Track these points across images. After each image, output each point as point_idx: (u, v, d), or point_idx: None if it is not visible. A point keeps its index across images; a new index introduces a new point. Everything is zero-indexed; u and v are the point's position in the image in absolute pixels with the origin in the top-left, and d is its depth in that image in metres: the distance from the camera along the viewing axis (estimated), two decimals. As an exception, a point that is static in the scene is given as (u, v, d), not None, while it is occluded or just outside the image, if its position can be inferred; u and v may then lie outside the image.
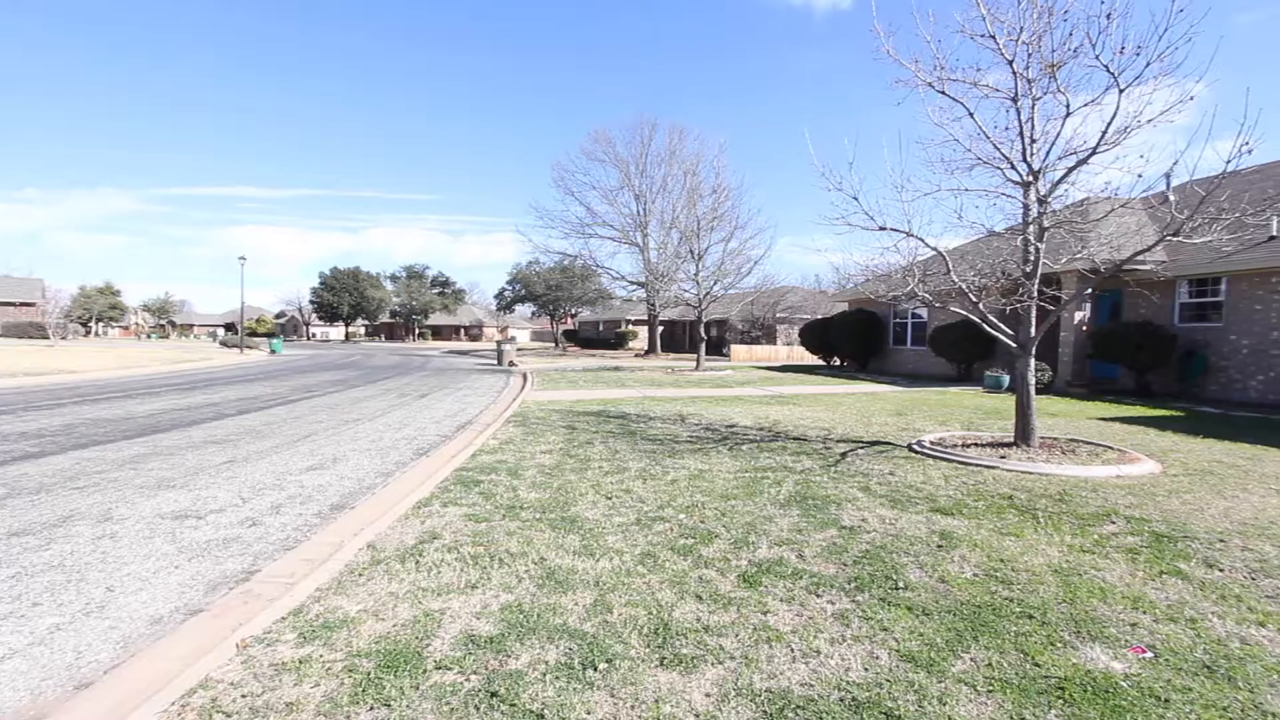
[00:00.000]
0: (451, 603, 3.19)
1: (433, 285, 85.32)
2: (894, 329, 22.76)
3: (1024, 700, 2.38)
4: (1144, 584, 3.47)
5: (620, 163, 37.57)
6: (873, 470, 6.24)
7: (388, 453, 7.34)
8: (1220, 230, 6.22)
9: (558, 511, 4.76)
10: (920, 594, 3.30)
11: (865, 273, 9.72)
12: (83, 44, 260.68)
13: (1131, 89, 6.03)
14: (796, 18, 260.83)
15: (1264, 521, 4.60)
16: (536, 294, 54.33)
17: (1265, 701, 2.37)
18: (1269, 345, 12.52)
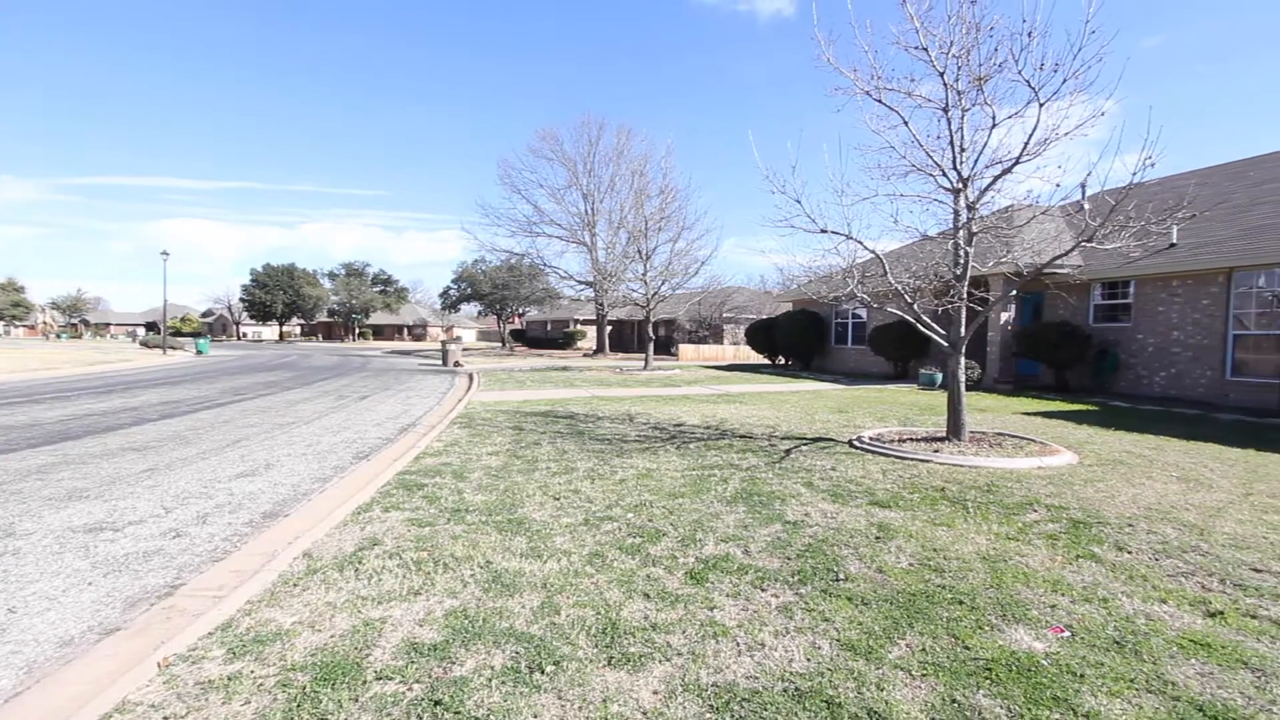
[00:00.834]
0: (393, 610, 3.10)
1: (374, 283, 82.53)
2: (836, 329, 23.48)
3: (955, 682, 2.50)
4: (1062, 568, 3.70)
5: (568, 161, 37.36)
6: (816, 466, 6.42)
7: (325, 457, 7.06)
8: (1128, 237, 6.70)
9: (504, 513, 4.70)
10: (860, 584, 3.42)
11: (808, 274, 10.00)
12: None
13: (1051, 103, 6.42)
14: (740, 22, 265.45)
15: (1166, 506, 4.98)
16: (483, 293, 53.33)
17: (1166, 672, 2.57)
18: (1170, 344, 13.57)
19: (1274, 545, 4.09)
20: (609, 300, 30.27)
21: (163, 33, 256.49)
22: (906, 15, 6.79)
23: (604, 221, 36.71)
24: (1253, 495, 5.35)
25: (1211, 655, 2.71)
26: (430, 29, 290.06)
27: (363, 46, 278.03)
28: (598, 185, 37.25)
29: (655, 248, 23.60)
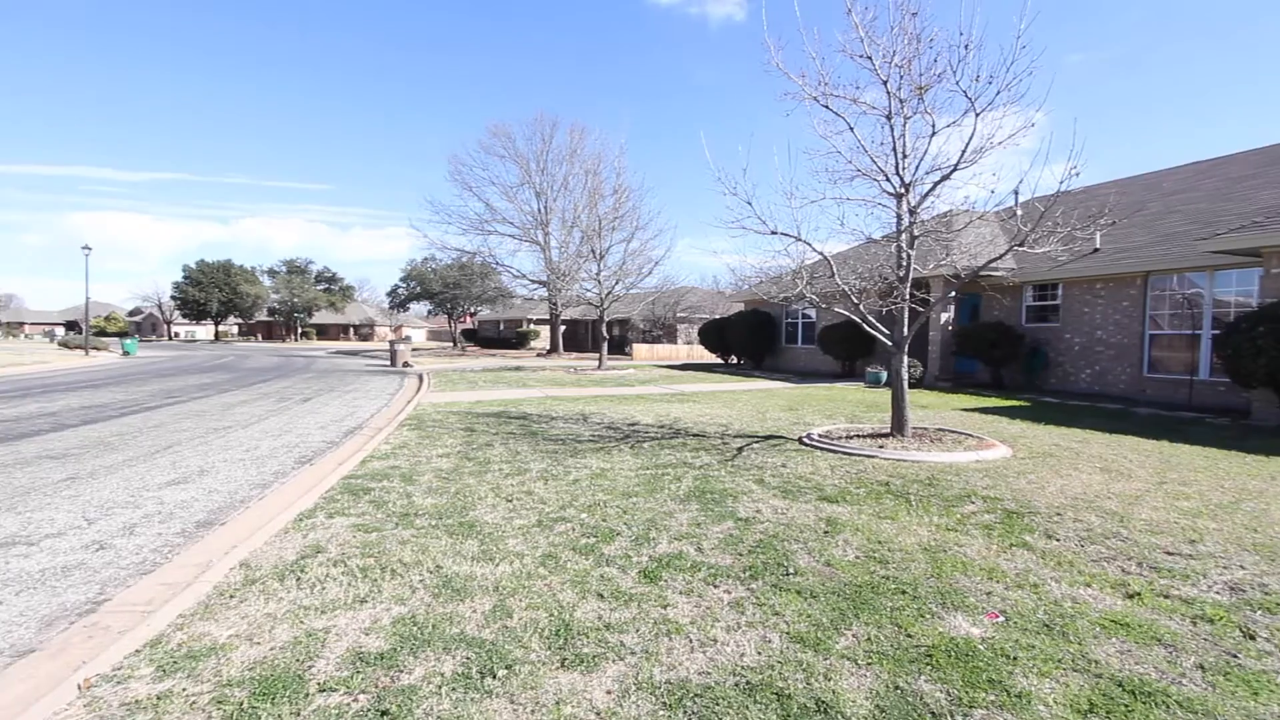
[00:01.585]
0: (338, 620, 3.00)
1: (317, 281, 79.63)
2: (786, 328, 23.99)
3: (898, 669, 2.59)
4: (997, 556, 3.88)
5: (520, 159, 36.90)
6: (767, 463, 6.54)
7: (265, 462, 6.77)
8: (1056, 242, 7.08)
9: (455, 517, 4.61)
10: (809, 578, 3.51)
11: (759, 274, 10.19)
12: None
13: (986, 113, 6.73)
14: (693, 25, 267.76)
15: (1090, 496, 5.30)
16: (433, 292, 52.21)
17: (1090, 651, 2.73)
18: (1094, 343, 14.43)
19: (1184, 530, 4.40)
20: (563, 300, 30.05)
21: (75, 5, 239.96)
22: (852, 24, 7.01)
23: (557, 220, 36.45)
24: (1166, 484, 5.74)
25: (1130, 634, 2.89)
26: (374, 20, 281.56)
27: (303, 36, 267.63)
28: (551, 184, 36.97)
29: (609, 247, 23.59)
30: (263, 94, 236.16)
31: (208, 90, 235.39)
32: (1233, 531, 4.37)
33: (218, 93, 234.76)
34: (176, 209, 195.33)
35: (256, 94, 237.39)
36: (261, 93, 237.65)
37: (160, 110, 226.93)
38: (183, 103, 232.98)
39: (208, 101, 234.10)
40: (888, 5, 6.91)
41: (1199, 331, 12.49)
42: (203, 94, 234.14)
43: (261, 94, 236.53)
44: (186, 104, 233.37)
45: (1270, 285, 9.90)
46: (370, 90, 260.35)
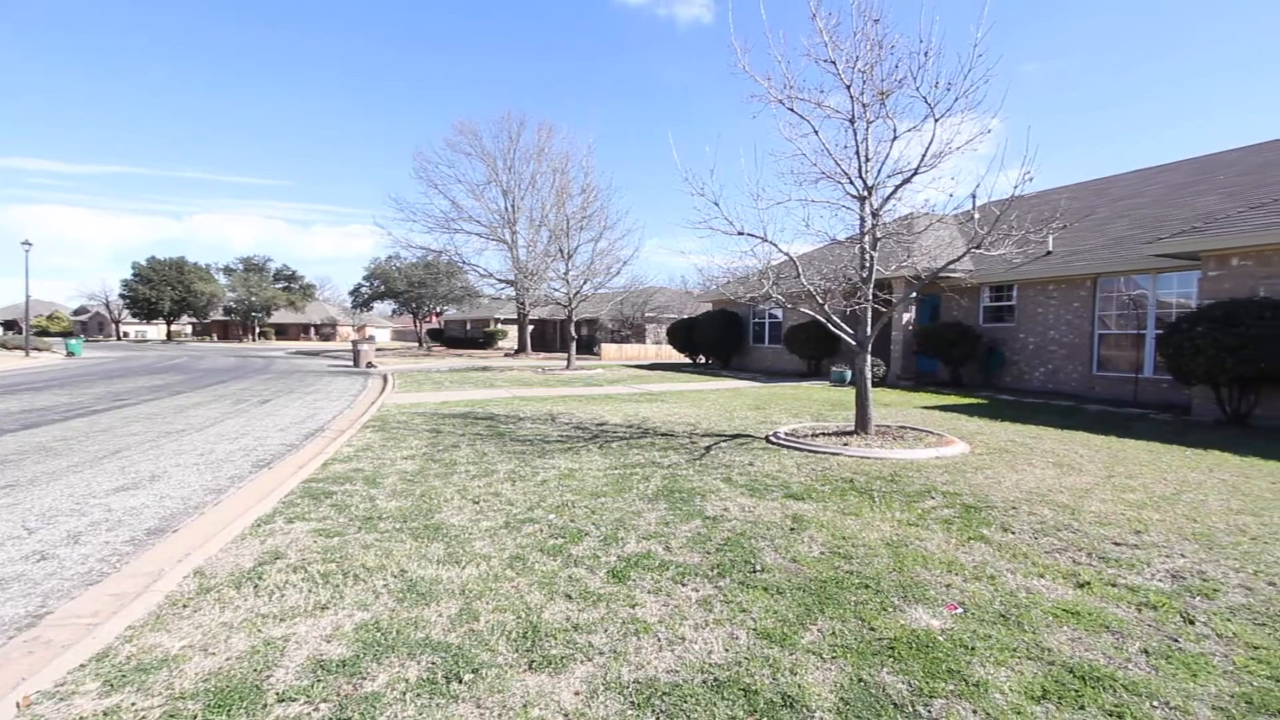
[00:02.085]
0: (297, 627, 2.92)
1: (276, 279, 77.39)
2: (754, 328, 24.25)
3: (861, 662, 2.64)
4: (956, 549, 3.99)
5: (487, 157, 36.46)
6: (734, 462, 6.60)
7: (220, 466, 6.55)
8: (1011, 245, 7.32)
9: (421, 520, 4.53)
10: (775, 575, 3.56)
11: (727, 275, 10.28)
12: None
13: (945, 119, 6.91)
14: (661, 26, 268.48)
15: (1043, 490, 5.49)
16: (397, 291, 51.18)
17: (1044, 639, 2.84)
18: (1047, 342, 14.96)
19: (1130, 521, 4.60)
20: (530, 299, 29.81)
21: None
22: (817, 29, 7.12)
23: (525, 219, 36.12)
24: (1114, 477, 5.99)
25: (1080, 622, 3.01)
26: (336, 14, 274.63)
27: (262, 29, 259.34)
28: (518, 182, 36.62)
29: (577, 247, 23.47)
30: (219, 87, 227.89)
31: (161, 82, 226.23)
32: (1174, 522, 4.59)
33: (171, 85, 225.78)
34: (126, 203, 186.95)
35: (212, 87, 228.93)
36: (218, 86, 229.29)
37: (108, 102, 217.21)
38: (133, 95, 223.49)
39: (161, 94, 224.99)
40: (851, 11, 7.05)
41: (1144, 331, 13.06)
42: (156, 86, 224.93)
43: (218, 87, 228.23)
44: (138, 96, 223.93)
45: (1208, 287, 10.41)
46: (333, 85, 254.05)
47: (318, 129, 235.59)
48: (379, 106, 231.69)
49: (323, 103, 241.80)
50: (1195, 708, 2.35)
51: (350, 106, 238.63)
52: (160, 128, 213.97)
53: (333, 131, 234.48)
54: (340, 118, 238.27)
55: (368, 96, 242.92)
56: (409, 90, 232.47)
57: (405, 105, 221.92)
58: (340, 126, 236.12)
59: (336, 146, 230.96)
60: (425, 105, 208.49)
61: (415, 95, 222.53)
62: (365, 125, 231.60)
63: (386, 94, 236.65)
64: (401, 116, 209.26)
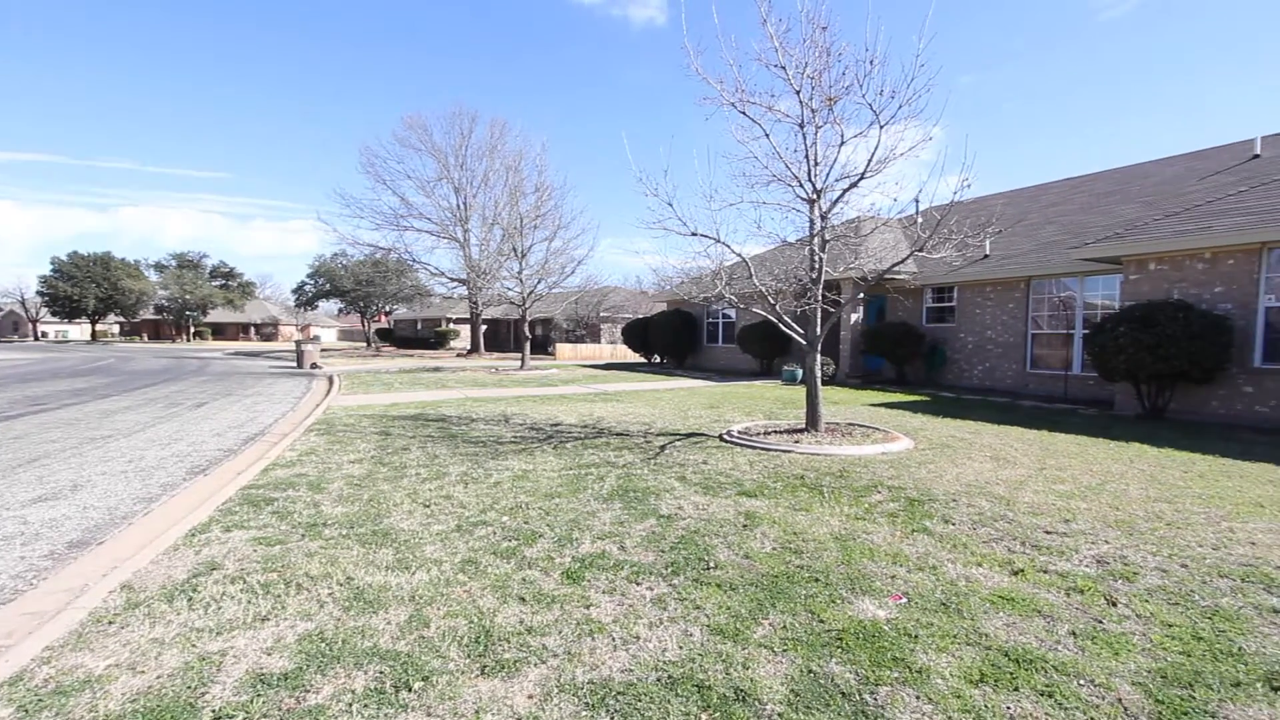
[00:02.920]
0: (236, 641, 2.79)
1: (213, 276, 73.72)
2: (708, 328, 24.53)
3: (811, 654, 2.71)
4: (901, 541, 4.14)
5: (438, 153, 35.65)
6: (689, 460, 6.66)
7: (151, 474, 6.20)
8: (950, 248, 7.63)
9: (368, 525, 4.40)
10: (728, 571, 3.61)
11: (681, 275, 10.36)
12: None
13: (889, 126, 7.14)
14: (616, 26, 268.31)
15: (982, 482, 5.75)
16: (344, 289, 49.53)
17: (981, 625, 2.97)
18: (985, 342, 15.66)
19: (1060, 510, 4.86)
20: (483, 299, 29.35)
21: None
22: (767, 34, 7.25)
23: (477, 217, 35.52)
24: (1045, 469, 6.32)
25: (1015, 607, 3.16)
26: (277, 3, 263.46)
27: (192, 15, 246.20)
28: (470, 179, 35.96)
29: (531, 246, 23.21)
30: (148, 75, 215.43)
31: (85, 68, 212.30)
32: (1099, 511, 4.87)
33: (97, 72, 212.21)
34: (45, 194, 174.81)
35: (140, 75, 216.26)
36: (146, 74, 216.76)
37: (20, 84, 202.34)
38: (52, 79, 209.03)
39: (85, 80, 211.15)
40: (800, 18, 7.21)
41: (1072, 331, 13.82)
42: (79, 72, 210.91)
43: (146, 75, 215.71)
44: (57, 81, 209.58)
45: (1129, 290, 11.09)
46: (273, 75, 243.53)
47: (258, 120, 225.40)
48: (323, 99, 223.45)
49: (262, 94, 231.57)
50: (1117, 684, 2.50)
51: (292, 98, 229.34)
52: (81, 114, 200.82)
53: (274, 123, 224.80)
54: (282, 109, 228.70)
55: (311, 89, 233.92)
56: (355, 84, 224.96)
57: (350, 99, 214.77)
58: (282, 118, 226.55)
59: (278, 139, 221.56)
60: (372, 100, 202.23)
61: (361, 89, 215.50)
62: (308, 118, 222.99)
63: (331, 87, 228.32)
64: (347, 110, 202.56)
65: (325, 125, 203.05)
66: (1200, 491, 5.47)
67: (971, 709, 2.33)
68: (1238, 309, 9.67)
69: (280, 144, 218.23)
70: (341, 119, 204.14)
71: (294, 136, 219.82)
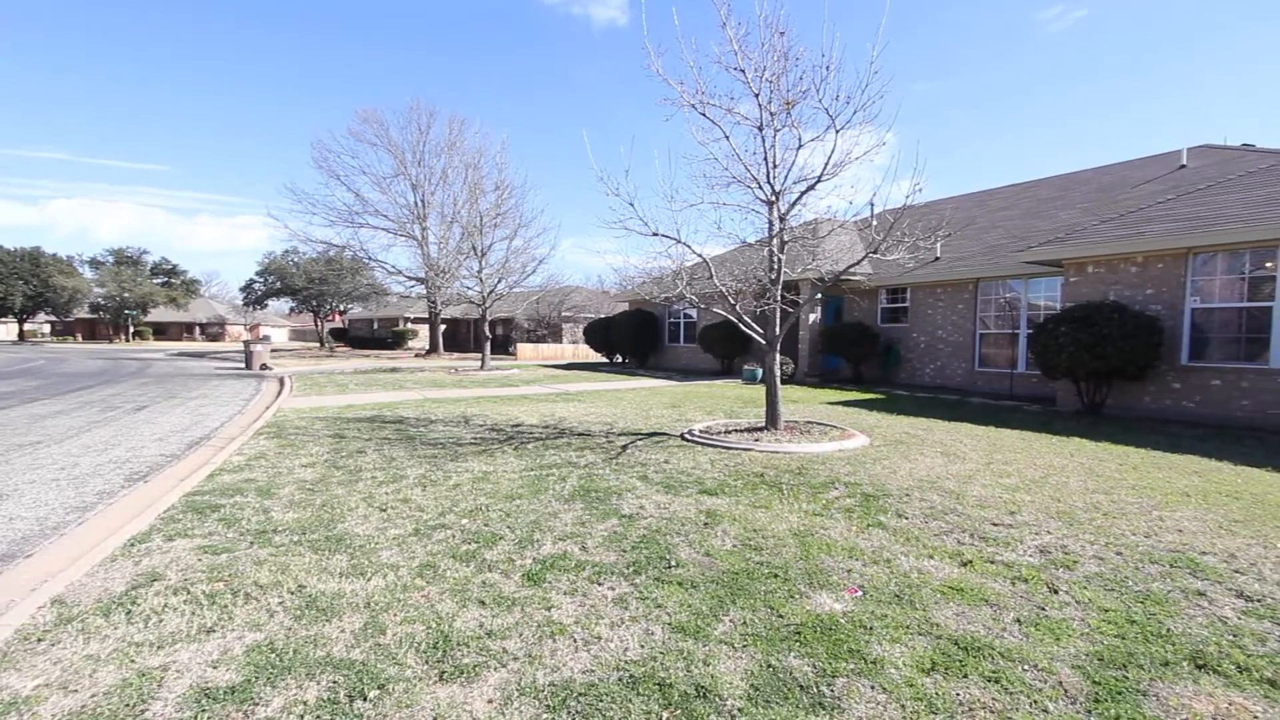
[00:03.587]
0: (179, 654, 2.67)
1: (154, 273, 70.27)
2: (669, 328, 24.65)
3: (771, 649, 2.75)
4: (857, 536, 4.24)
5: (395, 149, 34.83)
6: (650, 460, 6.69)
7: (86, 481, 5.88)
8: (903, 250, 7.86)
9: (321, 531, 4.27)
10: (689, 569, 3.63)
11: (643, 275, 10.38)
12: None
13: (845, 131, 7.32)
14: (577, 25, 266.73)
15: (934, 477, 5.94)
16: (296, 288, 47.87)
17: (933, 616, 3.07)
18: (936, 341, 16.19)
19: (1006, 503, 5.06)
20: (443, 298, 28.81)
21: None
22: (727, 37, 7.33)
23: (436, 215, 34.84)
24: (992, 464, 6.57)
25: (964, 598, 3.28)
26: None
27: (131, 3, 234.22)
28: (428, 176, 35.25)
29: (491, 245, 22.90)
30: (83, 62, 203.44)
31: (6, 52, 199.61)
32: (1042, 503, 5.09)
33: (20, 56, 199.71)
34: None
35: (74, 61, 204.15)
36: (81, 60, 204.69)
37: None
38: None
39: (6, 65, 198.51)
40: (759, 23, 7.31)
41: (1017, 331, 14.40)
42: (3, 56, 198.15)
43: (81, 62, 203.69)
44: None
45: (1069, 291, 11.62)
46: (220, 65, 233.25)
47: (202, 111, 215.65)
48: (272, 91, 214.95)
49: (207, 83, 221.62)
50: (1058, 668, 2.62)
51: (239, 89, 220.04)
52: (9, 103, 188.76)
53: (220, 115, 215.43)
54: (228, 100, 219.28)
55: (260, 80, 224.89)
56: (306, 77, 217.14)
57: (301, 92, 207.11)
58: (228, 109, 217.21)
59: (224, 131, 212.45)
60: (324, 93, 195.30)
61: (313, 82, 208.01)
62: (257, 110, 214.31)
63: (280, 79, 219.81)
64: (298, 103, 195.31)
65: (275, 118, 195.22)
66: (1134, 483, 5.77)
67: (923, 697, 2.41)
68: (1167, 310, 10.24)
69: (227, 136, 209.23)
70: (292, 112, 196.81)
71: (242, 129, 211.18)
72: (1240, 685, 2.51)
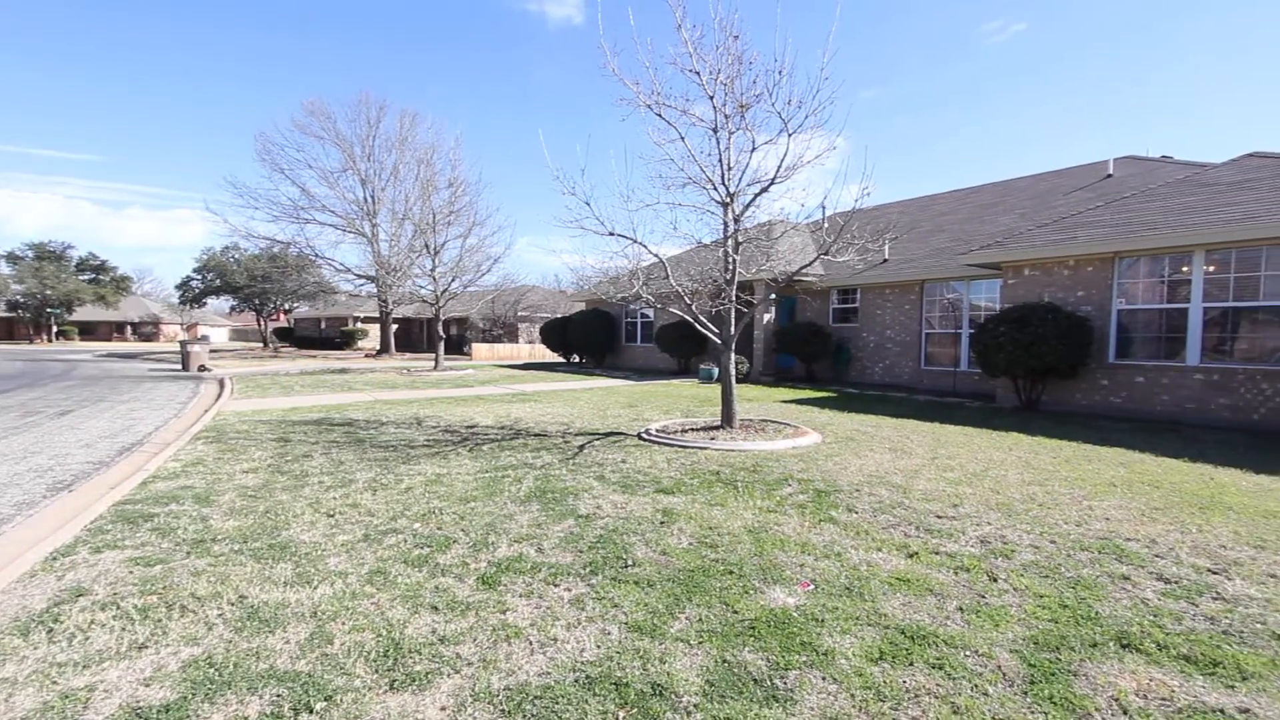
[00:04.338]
0: (107, 673, 2.53)
1: (81, 269, 66.14)
2: (626, 328, 24.67)
3: (726, 644, 2.79)
4: (809, 531, 4.34)
5: (343, 142, 33.71)
6: (607, 460, 6.68)
7: (2, 492, 5.49)
8: (853, 252, 8.08)
9: (265, 538, 4.11)
10: (646, 568, 3.65)
11: (599, 275, 10.35)
12: None
13: (797, 135, 7.47)
14: (531, 22, 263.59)
15: (882, 473, 6.12)
16: (237, 286, 45.83)
17: (881, 606, 3.16)
18: (885, 341, 16.70)
19: (950, 496, 5.26)
20: (394, 297, 28.02)
21: None
22: (682, 40, 7.39)
23: (386, 211, 33.90)
24: (937, 459, 6.82)
25: (910, 588, 3.39)
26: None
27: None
28: (379, 172, 34.27)
29: (445, 243, 22.42)
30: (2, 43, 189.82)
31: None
32: (983, 495, 5.32)
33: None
34: None
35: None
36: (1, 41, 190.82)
37: None
38: None
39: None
40: (714, 25, 7.39)
41: (960, 331, 14.99)
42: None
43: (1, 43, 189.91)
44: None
45: (1008, 293, 12.17)
46: (155, 52, 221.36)
47: (135, 99, 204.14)
48: (211, 80, 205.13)
49: (141, 70, 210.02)
50: (997, 653, 2.74)
51: (175, 77, 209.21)
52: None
53: (154, 103, 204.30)
54: (164, 89, 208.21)
55: (197, 69, 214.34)
56: (248, 67, 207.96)
57: (243, 82, 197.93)
58: (164, 98, 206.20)
59: (159, 120, 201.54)
60: (268, 85, 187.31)
61: (256, 74, 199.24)
62: (194, 100, 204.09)
63: (219, 69, 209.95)
64: (239, 93, 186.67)
65: (214, 108, 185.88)
66: (1066, 475, 6.09)
67: (872, 685, 2.48)
68: (1096, 311, 10.83)
69: (162, 126, 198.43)
70: (233, 103, 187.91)
71: (178, 119, 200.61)
72: (1160, 662, 2.68)
